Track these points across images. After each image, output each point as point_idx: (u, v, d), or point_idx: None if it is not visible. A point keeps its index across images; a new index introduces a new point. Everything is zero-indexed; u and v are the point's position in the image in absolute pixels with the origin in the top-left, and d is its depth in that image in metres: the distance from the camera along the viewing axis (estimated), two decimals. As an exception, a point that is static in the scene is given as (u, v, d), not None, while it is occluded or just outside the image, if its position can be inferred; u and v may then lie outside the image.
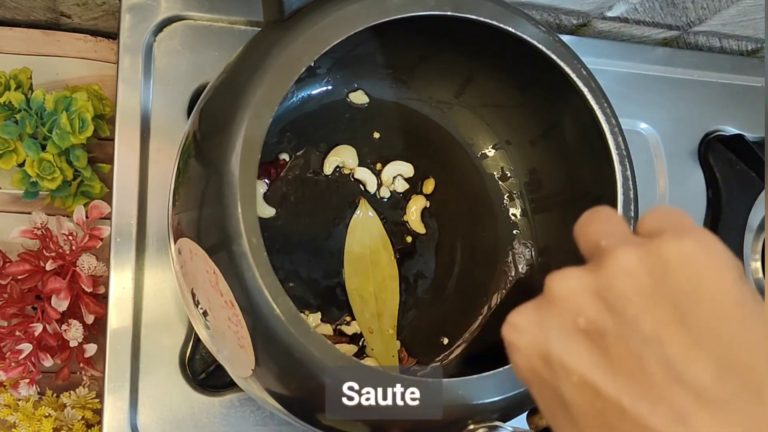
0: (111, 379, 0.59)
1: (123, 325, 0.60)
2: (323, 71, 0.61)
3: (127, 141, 0.62)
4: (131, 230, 0.62)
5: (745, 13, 0.74)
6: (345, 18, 0.47)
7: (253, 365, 0.45)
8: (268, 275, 0.42)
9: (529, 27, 0.51)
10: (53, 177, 0.63)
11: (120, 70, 0.63)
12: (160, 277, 0.61)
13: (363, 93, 0.63)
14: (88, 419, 0.64)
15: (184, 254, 0.47)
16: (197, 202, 0.47)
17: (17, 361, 0.61)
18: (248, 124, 0.44)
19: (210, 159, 0.46)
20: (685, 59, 0.79)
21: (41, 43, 0.71)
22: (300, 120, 0.62)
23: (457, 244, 0.65)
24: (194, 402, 0.61)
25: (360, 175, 0.63)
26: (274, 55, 0.46)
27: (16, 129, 0.62)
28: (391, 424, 0.46)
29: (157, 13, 0.64)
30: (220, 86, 0.50)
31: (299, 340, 0.42)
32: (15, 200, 0.68)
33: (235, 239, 0.42)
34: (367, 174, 0.63)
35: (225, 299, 0.44)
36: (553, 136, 0.61)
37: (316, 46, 0.46)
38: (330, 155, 0.62)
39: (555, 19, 0.76)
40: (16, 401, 0.63)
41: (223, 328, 0.46)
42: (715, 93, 0.79)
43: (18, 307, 0.63)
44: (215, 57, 0.65)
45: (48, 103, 0.62)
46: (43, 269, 0.63)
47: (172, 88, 0.64)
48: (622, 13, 0.74)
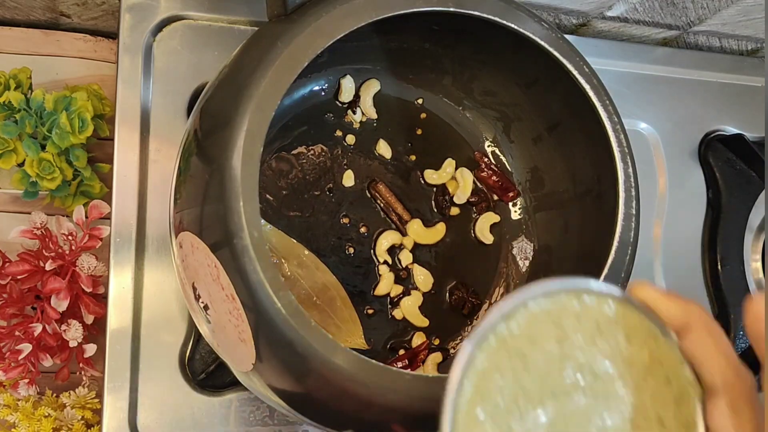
0: (110, 379, 0.59)
1: (123, 325, 0.60)
2: (325, 66, 0.61)
3: (126, 141, 0.62)
4: (131, 230, 0.61)
5: (745, 13, 0.74)
6: (349, 12, 0.47)
7: (253, 359, 0.45)
8: (269, 269, 0.42)
9: (532, 24, 0.51)
10: (53, 177, 0.63)
11: (120, 70, 0.63)
12: (159, 276, 0.61)
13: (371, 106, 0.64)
14: (87, 419, 0.63)
15: (185, 248, 0.47)
16: (199, 199, 0.47)
17: (17, 361, 0.61)
18: (250, 117, 0.44)
19: (212, 155, 0.46)
20: (685, 59, 0.79)
21: (41, 42, 0.70)
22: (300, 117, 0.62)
23: (457, 241, 0.65)
24: (194, 402, 0.60)
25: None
26: (278, 48, 0.45)
27: (15, 129, 0.62)
28: (392, 420, 0.46)
29: (157, 12, 0.64)
30: (222, 82, 0.50)
31: (300, 334, 0.42)
32: (15, 200, 0.68)
33: (236, 233, 0.42)
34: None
35: (226, 293, 0.44)
36: (556, 133, 0.61)
37: (320, 39, 0.46)
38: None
39: (555, 19, 0.76)
40: (15, 401, 0.62)
41: (224, 322, 0.46)
42: (715, 93, 0.79)
43: (17, 307, 0.62)
44: (215, 57, 0.65)
45: (48, 103, 0.62)
46: (43, 269, 0.62)
47: (171, 88, 0.64)
48: (622, 12, 0.74)
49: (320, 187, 0.62)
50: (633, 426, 0.38)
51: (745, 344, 0.72)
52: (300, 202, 0.61)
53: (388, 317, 0.62)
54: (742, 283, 0.74)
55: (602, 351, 0.38)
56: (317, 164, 0.62)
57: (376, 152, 0.64)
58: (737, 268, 0.74)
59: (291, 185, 0.61)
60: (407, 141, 0.65)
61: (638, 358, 0.38)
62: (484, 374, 0.37)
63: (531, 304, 0.38)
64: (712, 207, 0.76)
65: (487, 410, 0.37)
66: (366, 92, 0.63)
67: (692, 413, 0.38)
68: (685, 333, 0.37)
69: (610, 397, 0.38)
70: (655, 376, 0.38)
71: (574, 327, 0.38)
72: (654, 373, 0.38)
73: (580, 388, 0.38)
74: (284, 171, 0.61)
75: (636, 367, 0.38)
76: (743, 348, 0.72)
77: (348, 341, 0.59)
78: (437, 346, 0.62)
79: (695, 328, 0.37)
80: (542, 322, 0.38)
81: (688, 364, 0.38)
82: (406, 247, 0.63)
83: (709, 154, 0.76)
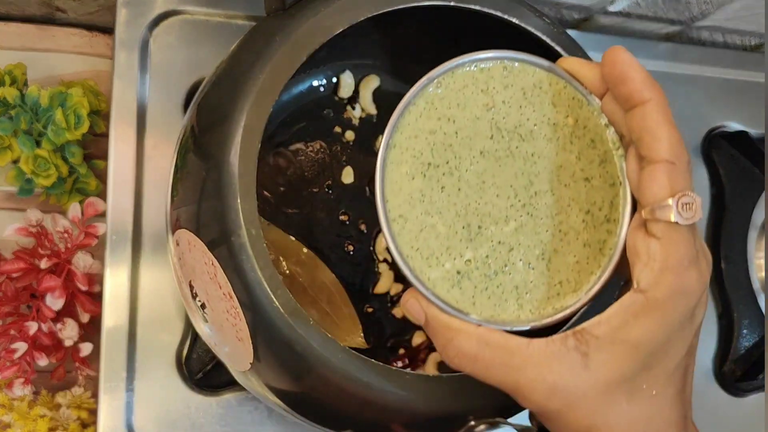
0: (106, 378, 0.59)
1: (119, 323, 0.59)
2: (324, 62, 0.61)
3: (122, 137, 0.62)
4: (127, 228, 0.61)
5: (748, 8, 0.73)
6: (348, 7, 0.46)
7: (251, 359, 0.45)
8: (267, 267, 0.42)
9: (533, 19, 0.50)
10: (48, 174, 0.62)
11: (116, 66, 0.63)
12: (156, 275, 0.61)
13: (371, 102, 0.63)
14: (83, 419, 0.63)
15: (182, 246, 0.46)
16: (196, 196, 0.46)
17: (12, 361, 0.60)
18: (248, 113, 0.43)
19: (209, 151, 0.46)
20: (688, 54, 0.78)
21: (36, 38, 0.70)
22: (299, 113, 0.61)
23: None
24: (191, 402, 0.60)
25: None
26: (276, 43, 0.45)
27: (10, 125, 0.61)
28: (392, 420, 0.46)
29: (154, 7, 0.64)
30: (219, 77, 0.49)
31: (299, 333, 0.42)
32: (9, 197, 0.67)
33: (234, 231, 0.42)
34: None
35: (223, 291, 0.43)
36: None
37: (318, 35, 0.45)
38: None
39: (557, 14, 0.75)
40: (10, 401, 0.62)
41: (221, 321, 0.45)
42: (719, 89, 0.78)
43: (12, 306, 0.62)
44: (212, 52, 0.65)
45: (43, 99, 0.62)
46: (38, 267, 0.62)
47: (168, 84, 0.64)
48: (625, 7, 0.73)
49: (319, 184, 0.61)
50: (560, 184, 0.40)
51: (748, 343, 0.72)
52: (298, 199, 0.61)
53: (388, 316, 0.61)
54: (745, 281, 0.73)
55: (528, 116, 0.41)
56: (316, 161, 0.61)
57: (375, 149, 0.63)
58: (741, 265, 0.73)
59: (289, 182, 0.61)
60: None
61: (564, 123, 0.41)
62: (414, 134, 0.41)
63: (459, 72, 0.42)
64: (715, 204, 0.75)
65: (417, 167, 0.40)
66: (365, 88, 0.63)
67: (616, 171, 0.40)
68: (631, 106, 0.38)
69: (536, 158, 0.40)
70: (581, 139, 0.41)
71: (501, 94, 0.41)
72: (579, 136, 0.41)
73: (508, 149, 0.41)
74: (282, 168, 0.60)
75: (562, 130, 0.41)
76: (746, 347, 0.72)
77: (347, 340, 0.59)
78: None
79: (653, 101, 0.38)
80: (470, 88, 0.41)
81: (612, 128, 0.40)
82: (406, 244, 0.62)
83: (712, 151, 0.76)
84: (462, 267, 0.40)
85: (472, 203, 0.40)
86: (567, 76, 0.41)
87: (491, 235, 0.40)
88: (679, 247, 0.35)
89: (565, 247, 0.40)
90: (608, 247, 0.39)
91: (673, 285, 0.35)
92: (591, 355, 0.36)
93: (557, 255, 0.40)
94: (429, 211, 0.40)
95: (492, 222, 0.40)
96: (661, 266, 0.35)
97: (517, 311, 0.40)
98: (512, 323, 0.39)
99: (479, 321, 0.39)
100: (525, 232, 0.40)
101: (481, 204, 0.40)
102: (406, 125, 0.41)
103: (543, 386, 0.36)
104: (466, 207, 0.40)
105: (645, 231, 0.36)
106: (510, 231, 0.40)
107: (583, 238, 0.40)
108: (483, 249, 0.40)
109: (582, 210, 0.40)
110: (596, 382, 0.36)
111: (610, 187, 0.39)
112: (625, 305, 0.36)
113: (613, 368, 0.36)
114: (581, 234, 0.40)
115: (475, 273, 0.40)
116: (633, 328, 0.36)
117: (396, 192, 0.40)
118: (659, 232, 0.35)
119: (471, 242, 0.40)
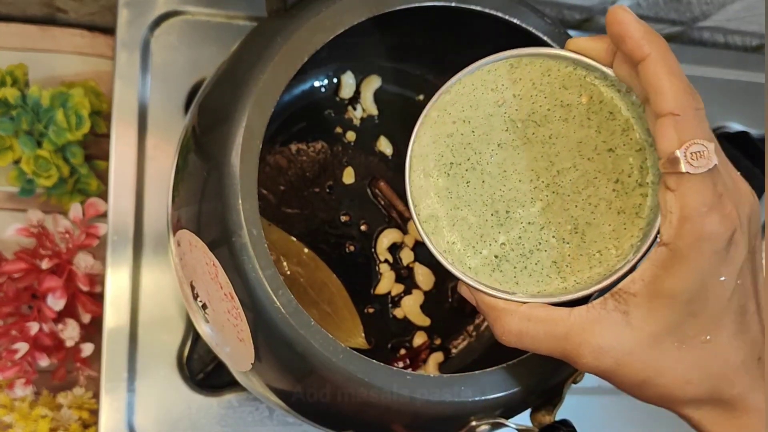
0: (108, 379, 0.59)
1: (120, 324, 0.59)
2: (325, 62, 0.61)
3: (123, 137, 0.62)
4: (128, 228, 0.61)
5: (749, 9, 0.73)
6: (349, 7, 0.46)
7: (252, 359, 0.44)
8: (268, 267, 0.42)
9: (534, 19, 0.50)
10: (49, 174, 0.62)
11: (117, 66, 0.63)
12: (157, 275, 0.61)
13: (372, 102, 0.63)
14: (84, 419, 0.63)
15: (183, 246, 0.46)
16: (197, 196, 0.46)
17: (13, 361, 0.60)
18: (250, 113, 0.43)
19: (210, 152, 0.45)
20: (689, 55, 0.79)
21: (37, 38, 0.70)
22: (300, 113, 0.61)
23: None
24: (192, 402, 0.60)
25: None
26: (277, 43, 0.45)
27: (11, 126, 0.61)
28: (392, 421, 0.46)
29: (155, 7, 0.64)
30: (220, 78, 0.49)
31: (300, 333, 0.41)
32: (11, 198, 0.67)
33: (235, 231, 0.42)
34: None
35: (224, 292, 0.43)
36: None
37: (319, 35, 0.45)
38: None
39: (558, 14, 0.75)
40: (12, 401, 0.62)
41: (223, 321, 0.45)
42: (720, 89, 0.79)
43: (14, 306, 0.62)
44: (213, 52, 0.65)
45: (44, 100, 0.62)
46: (39, 268, 0.62)
47: (169, 84, 0.64)
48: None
49: (320, 185, 0.61)
50: (583, 158, 0.41)
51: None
52: (300, 200, 0.60)
53: (389, 316, 0.61)
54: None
55: (541, 103, 0.42)
56: (317, 161, 0.61)
57: (376, 149, 0.63)
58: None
59: (290, 182, 0.60)
60: (408, 138, 0.64)
61: (577, 102, 0.41)
62: (432, 140, 0.44)
63: (465, 79, 0.43)
64: (716, 205, 0.75)
65: (440, 168, 0.44)
66: (367, 88, 0.63)
67: (641, 136, 0.40)
68: (641, 64, 0.37)
69: (555, 139, 0.41)
70: (598, 113, 0.40)
71: (511, 89, 0.42)
72: (596, 111, 0.41)
73: (524, 137, 0.42)
74: (283, 168, 0.60)
75: (576, 109, 0.41)
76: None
77: (348, 341, 0.59)
78: (439, 345, 0.62)
79: (652, 55, 0.37)
80: (480, 89, 0.43)
81: (630, 94, 0.40)
82: (407, 245, 0.62)
83: (713, 152, 0.76)
84: (498, 251, 0.42)
85: (496, 192, 0.42)
86: (575, 57, 0.41)
87: (520, 217, 0.42)
88: (694, 195, 0.35)
89: (598, 218, 0.40)
90: (645, 210, 0.40)
91: (692, 233, 0.35)
92: (631, 313, 0.37)
93: (591, 227, 0.40)
94: (458, 206, 0.43)
95: (518, 205, 0.42)
96: (678, 217, 0.35)
97: (562, 283, 0.41)
98: (560, 294, 0.40)
99: (527, 298, 0.40)
100: (553, 210, 0.41)
101: (505, 191, 0.42)
102: (423, 135, 0.44)
103: (590, 350, 0.38)
104: (491, 196, 0.42)
105: (665, 185, 0.37)
106: (537, 211, 0.41)
107: (616, 206, 0.40)
108: (514, 231, 0.42)
109: (611, 180, 0.40)
110: (641, 337, 0.37)
111: (637, 152, 0.39)
112: (653, 260, 0.37)
113: (654, 321, 0.37)
114: (614, 203, 0.40)
115: (512, 254, 0.42)
116: (665, 280, 0.36)
117: (423, 195, 0.44)
118: (673, 184, 0.35)
119: (502, 226, 0.42)
